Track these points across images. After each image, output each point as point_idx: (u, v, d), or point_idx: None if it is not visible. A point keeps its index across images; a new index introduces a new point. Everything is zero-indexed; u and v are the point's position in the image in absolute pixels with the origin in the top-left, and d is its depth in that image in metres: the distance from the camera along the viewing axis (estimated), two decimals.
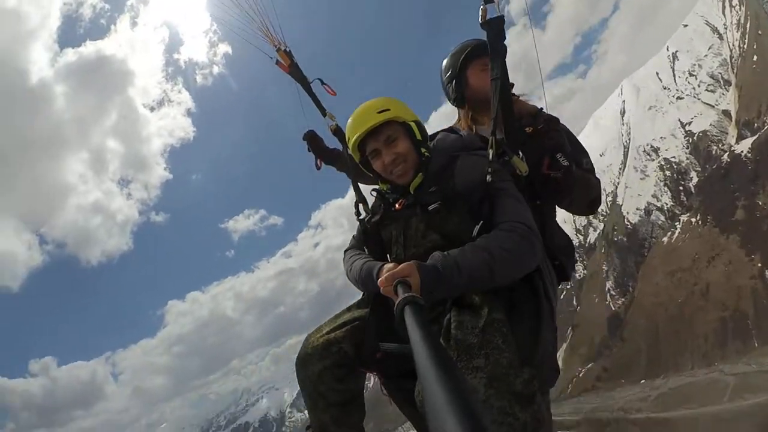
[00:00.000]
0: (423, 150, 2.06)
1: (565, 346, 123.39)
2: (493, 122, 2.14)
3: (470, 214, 1.89)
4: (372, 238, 2.17)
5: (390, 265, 1.84)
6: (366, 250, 2.20)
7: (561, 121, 2.39)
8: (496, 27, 2.19)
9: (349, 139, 2.10)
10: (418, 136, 2.05)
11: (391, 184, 2.13)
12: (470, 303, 1.73)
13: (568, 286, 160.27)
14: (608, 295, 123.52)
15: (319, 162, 2.85)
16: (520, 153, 2.13)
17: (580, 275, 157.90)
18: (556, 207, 2.42)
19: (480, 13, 2.21)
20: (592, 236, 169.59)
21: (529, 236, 1.77)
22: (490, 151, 2.01)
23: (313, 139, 2.86)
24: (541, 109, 2.50)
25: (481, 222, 1.84)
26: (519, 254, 1.74)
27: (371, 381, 2.21)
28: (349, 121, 2.10)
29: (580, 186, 2.29)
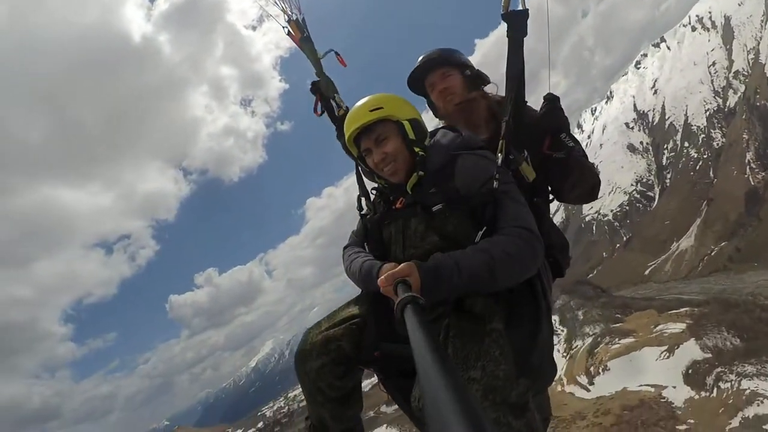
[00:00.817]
0: (417, 149, 2.01)
1: (698, 221, 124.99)
2: (505, 124, 2.04)
3: (471, 217, 1.88)
4: (373, 236, 2.15)
5: (390, 264, 1.83)
6: (366, 247, 2.20)
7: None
8: (519, 21, 2.02)
9: (345, 134, 2.08)
10: (411, 135, 1.99)
11: (386, 181, 2.11)
12: (470, 308, 1.73)
13: (705, 156, 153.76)
14: (748, 167, 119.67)
15: (320, 107, 2.62)
16: (526, 153, 2.06)
17: (718, 144, 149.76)
18: (550, 205, 2.36)
19: (502, 3, 2.03)
20: (732, 99, 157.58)
21: (532, 241, 1.75)
22: (499, 156, 1.97)
23: (326, 86, 2.61)
24: (526, 102, 2.24)
25: (485, 228, 1.83)
26: (521, 259, 1.72)
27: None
28: (346, 117, 2.08)
29: (581, 167, 2.19)
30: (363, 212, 2.28)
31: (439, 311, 1.82)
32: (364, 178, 2.41)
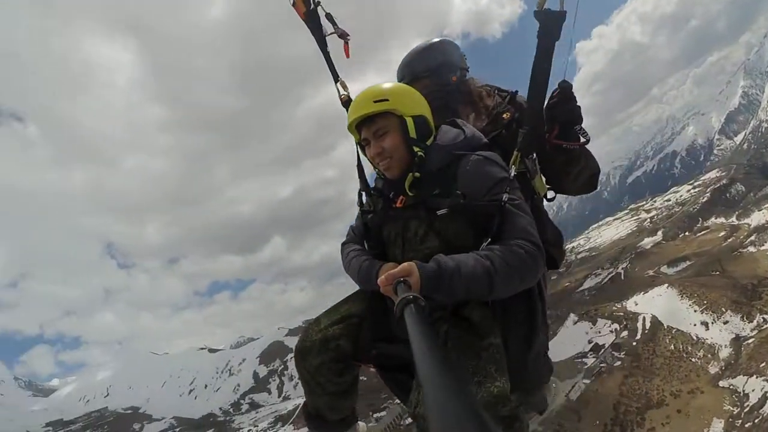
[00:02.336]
0: (417, 149, 1.93)
1: None
2: (523, 135, 1.94)
3: (473, 224, 1.83)
4: (372, 235, 2.10)
5: (390, 264, 1.85)
6: (365, 245, 2.16)
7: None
8: (553, 23, 1.83)
9: (347, 119, 2.00)
10: (412, 134, 1.92)
11: (383, 174, 2.05)
12: (468, 316, 1.76)
13: None
14: None
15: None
16: (535, 155, 2.01)
17: None
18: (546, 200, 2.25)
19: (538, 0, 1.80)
20: None
21: (535, 255, 1.72)
22: (513, 168, 1.91)
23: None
24: (517, 91, 2.27)
25: (489, 239, 1.79)
26: (521, 272, 1.70)
27: None
28: (352, 102, 2.00)
29: (587, 157, 2.10)
30: (363, 208, 2.19)
31: (436, 315, 1.82)
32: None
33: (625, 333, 77.66)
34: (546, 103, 1.99)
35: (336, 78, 2.56)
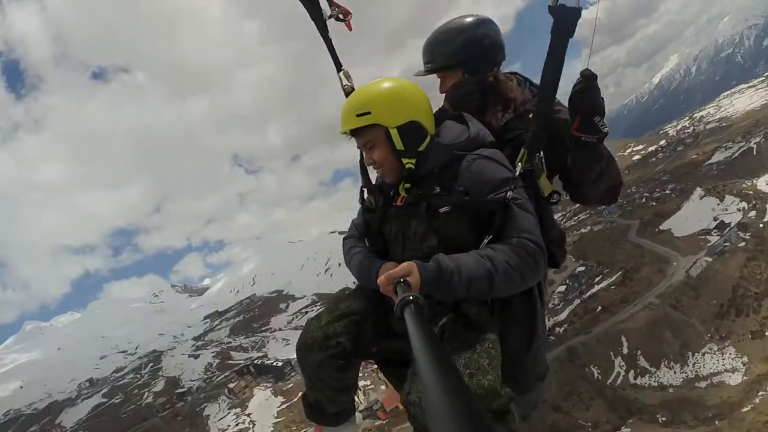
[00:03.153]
0: (405, 161, 1.89)
1: None
2: (531, 134, 1.89)
3: (474, 222, 1.82)
4: (373, 232, 2.11)
5: (390, 264, 1.85)
6: (367, 241, 2.16)
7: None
8: (568, 19, 1.73)
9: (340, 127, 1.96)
10: (399, 146, 1.86)
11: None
12: (466, 312, 1.77)
13: None
14: None
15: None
16: (542, 154, 1.93)
17: None
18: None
19: None
20: None
21: (536, 255, 1.71)
22: (519, 165, 1.87)
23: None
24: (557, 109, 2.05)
25: (490, 236, 1.78)
26: (522, 272, 1.68)
27: None
28: (343, 105, 1.95)
29: (609, 158, 1.98)
30: (364, 205, 2.17)
31: (435, 310, 1.85)
32: None
33: (752, 213, 75.28)
34: (570, 93, 1.89)
35: (339, 67, 2.45)
